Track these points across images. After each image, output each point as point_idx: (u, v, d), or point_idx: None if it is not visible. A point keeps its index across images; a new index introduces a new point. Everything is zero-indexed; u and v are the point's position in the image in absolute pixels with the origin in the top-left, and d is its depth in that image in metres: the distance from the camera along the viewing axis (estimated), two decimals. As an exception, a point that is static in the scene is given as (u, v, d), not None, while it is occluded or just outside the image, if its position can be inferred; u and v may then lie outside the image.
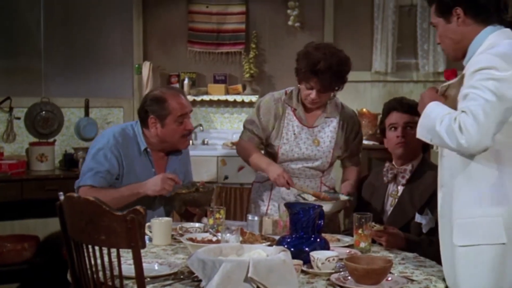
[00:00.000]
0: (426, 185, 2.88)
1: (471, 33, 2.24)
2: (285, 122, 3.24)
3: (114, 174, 3.05)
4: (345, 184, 3.23)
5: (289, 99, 3.27)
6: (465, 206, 2.18)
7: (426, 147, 3.06)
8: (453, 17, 2.25)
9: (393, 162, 3.08)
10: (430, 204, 2.82)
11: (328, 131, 3.25)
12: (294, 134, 3.23)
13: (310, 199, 3.04)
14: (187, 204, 3.07)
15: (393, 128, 3.05)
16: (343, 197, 3.07)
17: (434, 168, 2.92)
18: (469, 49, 2.24)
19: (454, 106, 2.22)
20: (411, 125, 2.97)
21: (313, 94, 3.13)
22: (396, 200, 2.99)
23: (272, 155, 3.28)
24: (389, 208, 3.02)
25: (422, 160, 3.04)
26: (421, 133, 2.22)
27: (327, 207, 2.89)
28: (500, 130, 2.08)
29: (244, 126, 3.34)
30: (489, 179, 2.14)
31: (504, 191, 2.14)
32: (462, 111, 2.07)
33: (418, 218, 2.88)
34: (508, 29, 2.26)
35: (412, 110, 2.96)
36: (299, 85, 3.20)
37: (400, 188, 3.01)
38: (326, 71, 3.05)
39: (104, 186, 3.02)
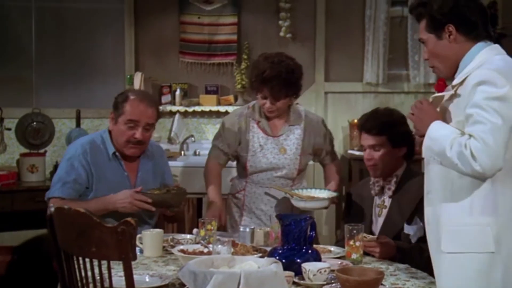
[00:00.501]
0: (412, 193, 2.90)
1: (462, 50, 2.26)
2: (250, 135, 3.29)
3: (82, 183, 3.05)
4: (329, 186, 3.27)
5: (252, 112, 3.33)
6: (455, 214, 2.21)
7: (409, 155, 3.06)
8: (445, 34, 2.27)
9: None
10: (418, 211, 2.84)
11: (293, 138, 3.29)
12: (260, 145, 3.28)
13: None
14: (157, 205, 3.00)
15: (364, 148, 3.08)
16: (331, 194, 3.10)
17: (418, 175, 2.96)
18: (460, 64, 2.27)
19: (442, 117, 2.27)
20: (377, 148, 3.00)
21: (267, 103, 3.20)
22: (383, 210, 3.01)
23: (242, 168, 3.34)
24: (376, 218, 3.03)
25: (406, 169, 3.05)
26: (429, 154, 2.23)
27: (315, 204, 3.01)
28: (507, 149, 2.13)
29: (212, 142, 3.42)
30: (481, 190, 2.18)
31: (494, 201, 2.18)
32: (471, 136, 2.11)
33: (406, 229, 2.89)
34: (497, 45, 2.30)
35: (375, 130, 2.99)
36: (256, 96, 3.27)
37: (387, 199, 3.02)
38: (273, 79, 3.12)
39: (74, 197, 3.02)
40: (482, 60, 2.22)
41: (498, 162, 2.09)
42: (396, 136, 2.99)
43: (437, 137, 2.20)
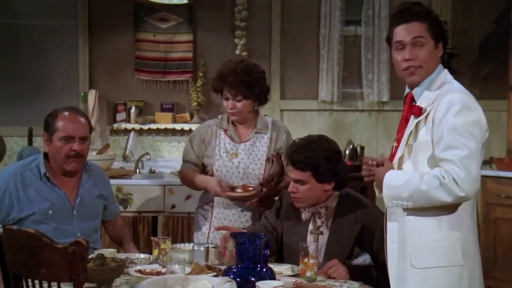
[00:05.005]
0: (348, 230, 2.86)
1: (436, 65, 2.42)
2: (217, 141, 3.36)
3: (2, 208, 2.98)
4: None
5: (220, 121, 3.41)
6: (424, 231, 2.31)
7: (339, 187, 2.92)
8: (438, 49, 2.43)
9: None
10: (358, 243, 2.87)
11: (259, 145, 3.34)
12: (227, 151, 3.32)
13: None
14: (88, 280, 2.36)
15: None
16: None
17: (351, 202, 2.92)
18: (429, 77, 2.40)
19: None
20: (301, 183, 2.86)
21: (229, 103, 3.27)
22: (319, 236, 2.90)
23: (209, 175, 3.37)
24: (313, 243, 2.77)
25: (339, 200, 2.91)
26: (395, 203, 2.31)
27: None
28: None
29: (183, 160, 3.47)
30: (447, 207, 2.28)
31: (459, 217, 2.30)
32: (448, 160, 2.19)
33: (354, 261, 2.87)
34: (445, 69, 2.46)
35: (300, 165, 2.84)
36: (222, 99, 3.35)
37: (323, 226, 2.91)
38: (231, 74, 3.23)
39: None
40: (443, 80, 2.38)
41: (477, 184, 2.22)
42: (322, 172, 2.84)
43: (402, 183, 2.28)
